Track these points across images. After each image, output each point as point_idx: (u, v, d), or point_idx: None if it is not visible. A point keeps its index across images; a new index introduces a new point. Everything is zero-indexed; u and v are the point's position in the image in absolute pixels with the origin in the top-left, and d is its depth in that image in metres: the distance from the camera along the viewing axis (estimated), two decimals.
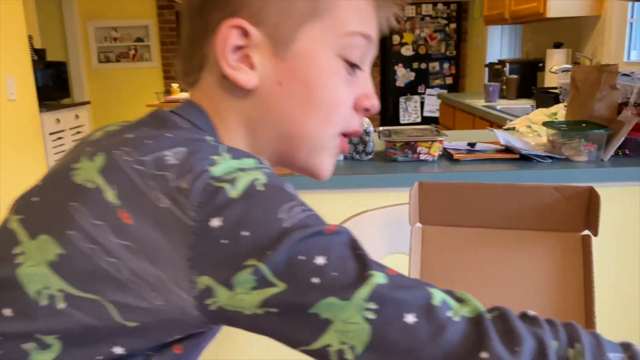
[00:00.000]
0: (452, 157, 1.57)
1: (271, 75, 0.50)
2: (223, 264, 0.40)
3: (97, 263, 0.42)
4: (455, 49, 5.59)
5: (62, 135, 4.05)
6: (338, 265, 0.40)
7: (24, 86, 2.73)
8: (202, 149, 0.44)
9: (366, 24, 0.52)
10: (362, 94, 0.54)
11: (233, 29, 0.49)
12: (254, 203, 0.41)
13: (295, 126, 0.52)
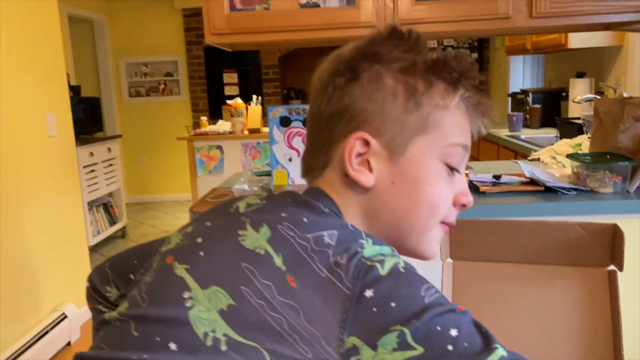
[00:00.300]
0: (478, 189, 1.60)
1: (386, 176, 0.61)
2: (372, 327, 0.48)
3: (263, 316, 0.50)
4: None
5: (94, 168, 4.18)
6: (468, 338, 0.48)
7: (62, 123, 2.86)
8: (350, 234, 0.55)
9: (464, 136, 0.63)
10: (460, 192, 0.64)
11: (358, 140, 0.60)
12: (400, 281, 0.50)
13: (405, 218, 0.62)
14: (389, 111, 0.60)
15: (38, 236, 2.58)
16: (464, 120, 0.63)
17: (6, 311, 2.32)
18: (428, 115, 0.60)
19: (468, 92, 0.62)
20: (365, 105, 0.60)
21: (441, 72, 0.61)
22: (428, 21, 1.55)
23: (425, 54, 0.63)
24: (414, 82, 0.61)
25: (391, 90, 0.60)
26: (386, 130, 0.60)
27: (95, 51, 5.72)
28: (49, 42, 2.75)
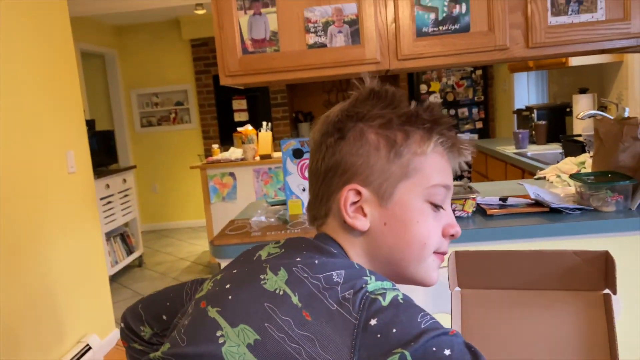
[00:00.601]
0: (485, 212, 1.67)
1: (378, 219, 0.70)
2: (377, 351, 0.56)
3: (284, 347, 0.58)
4: (483, 94, 5.72)
5: (111, 200, 4.29)
6: (460, 356, 0.55)
7: (81, 159, 2.97)
8: (356, 272, 0.64)
9: (444, 176, 0.72)
10: (447, 224, 0.73)
11: (350, 190, 0.70)
12: (399, 310, 0.59)
13: (400, 253, 0.71)
14: (375, 163, 0.69)
15: (61, 269, 2.67)
16: (443, 162, 0.72)
17: (32, 344, 2.40)
18: (408, 162, 0.69)
19: (442, 137, 0.71)
20: (353, 159, 0.70)
21: (415, 123, 0.71)
22: (429, 55, 1.63)
23: (402, 107, 0.72)
24: (393, 135, 0.70)
25: (374, 145, 0.70)
26: (374, 179, 0.69)
27: (107, 84, 5.88)
28: (67, 81, 2.88)
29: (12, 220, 2.33)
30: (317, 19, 1.64)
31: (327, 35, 1.65)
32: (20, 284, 2.35)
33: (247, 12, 1.65)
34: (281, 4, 1.64)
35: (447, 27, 1.62)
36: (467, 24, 1.61)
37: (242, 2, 1.65)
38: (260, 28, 1.66)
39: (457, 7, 1.60)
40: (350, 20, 1.64)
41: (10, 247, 2.30)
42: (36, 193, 2.52)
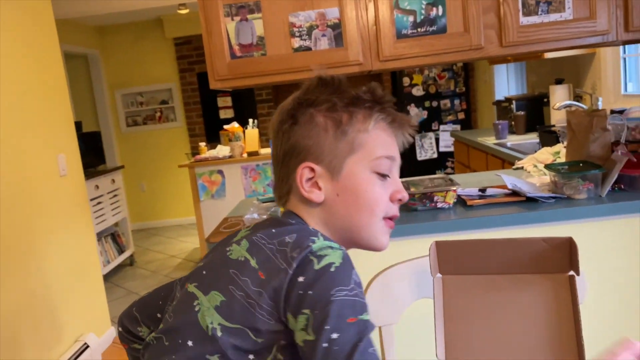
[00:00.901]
0: (465, 203, 1.77)
1: (332, 191, 0.80)
2: (295, 305, 0.67)
3: (243, 303, 0.70)
4: (465, 86, 5.83)
5: (101, 200, 4.33)
6: (342, 342, 0.63)
7: (72, 162, 3.02)
8: (307, 233, 0.74)
9: (387, 149, 0.82)
10: (394, 191, 0.83)
11: (305, 168, 0.80)
12: (323, 277, 0.68)
13: (352, 220, 0.81)
14: (324, 142, 0.79)
15: (56, 270, 2.73)
16: (385, 136, 0.82)
17: (32, 344, 2.46)
18: (353, 139, 0.79)
19: (382, 114, 0.81)
20: (305, 141, 0.80)
21: (358, 104, 0.80)
22: (409, 56, 1.72)
23: (346, 92, 0.81)
24: (339, 116, 0.80)
25: (323, 126, 0.79)
26: (324, 157, 0.79)
27: (91, 85, 5.89)
28: (55, 84, 2.91)
29: (7, 224, 2.38)
30: (302, 24, 1.72)
31: (311, 39, 1.72)
32: (18, 286, 2.40)
33: (234, 19, 1.72)
34: (266, 10, 1.71)
35: (425, 29, 1.70)
36: (444, 25, 1.70)
37: (229, 9, 1.72)
38: (247, 33, 1.73)
39: (434, 9, 1.69)
40: (333, 24, 1.72)
41: (7, 249, 2.35)
42: (30, 197, 2.57)
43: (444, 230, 1.65)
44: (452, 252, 1.00)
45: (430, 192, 1.76)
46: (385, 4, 1.70)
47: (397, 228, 1.66)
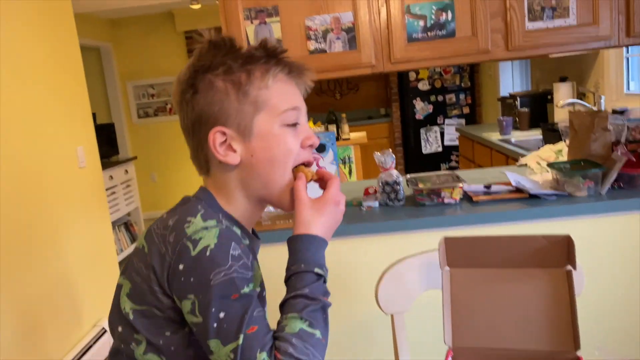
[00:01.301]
0: (471, 199, 1.86)
1: (245, 152, 0.81)
2: (180, 291, 0.74)
3: (141, 287, 0.78)
4: (470, 81, 5.89)
5: (115, 190, 4.44)
6: (229, 321, 0.71)
7: (90, 154, 3.12)
8: (187, 213, 0.77)
9: (292, 99, 0.83)
10: (304, 137, 0.84)
11: (216, 133, 0.80)
12: (200, 263, 0.73)
13: (267, 175, 0.82)
14: (228, 106, 0.80)
15: (75, 258, 2.84)
16: (287, 87, 0.82)
17: (53, 329, 2.58)
18: (256, 98, 0.80)
19: (278, 67, 0.81)
20: (210, 108, 0.80)
21: (253, 62, 0.80)
22: (419, 59, 1.80)
23: (240, 51, 0.82)
24: (237, 78, 0.80)
25: (223, 91, 0.80)
26: (232, 120, 0.80)
27: (103, 77, 5.98)
28: (73, 78, 3.01)
29: (30, 214, 2.49)
30: (317, 27, 1.80)
31: (326, 42, 1.81)
32: (40, 273, 2.51)
33: (253, 22, 1.81)
34: (284, 13, 1.80)
35: (435, 33, 1.79)
36: (453, 30, 1.78)
37: (249, 13, 1.80)
38: (266, 36, 1.81)
39: (444, 14, 1.77)
40: (347, 27, 1.80)
41: (29, 238, 2.46)
42: (50, 188, 2.68)
43: (450, 224, 1.75)
44: (460, 247, 1.10)
45: (438, 188, 1.85)
46: (397, 9, 1.78)
47: (405, 222, 1.77)
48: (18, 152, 2.44)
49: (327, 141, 2.00)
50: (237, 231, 0.80)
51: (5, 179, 2.32)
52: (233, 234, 0.77)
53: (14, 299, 2.30)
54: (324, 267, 0.80)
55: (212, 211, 0.81)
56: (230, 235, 0.76)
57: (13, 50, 2.47)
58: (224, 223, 0.78)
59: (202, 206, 0.81)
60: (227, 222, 0.80)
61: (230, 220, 0.83)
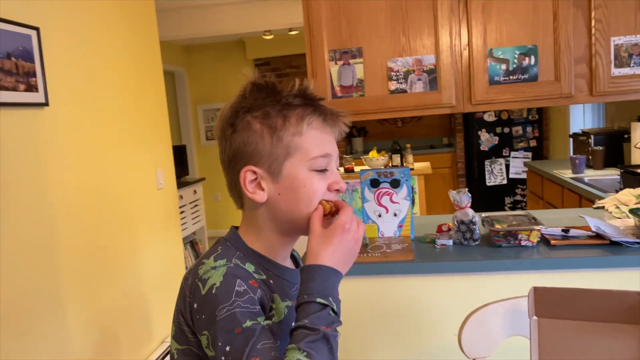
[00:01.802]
0: (549, 242, 1.84)
1: (273, 191, 0.87)
2: (198, 327, 0.81)
3: (179, 327, 0.86)
4: (537, 113, 5.79)
5: (184, 210, 4.63)
6: (234, 354, 0.75)
7: (168, 175, 3.29)
8: (204, 257, 0.85)
9: (323, 147, 0.87)
10: (332, 182, 0.88)
11: (247, 172, 0.86)
12: (208, 301, 0.79)
13: (293, 213, 0.87)
14: (262, 148, 0.85)
15: (148, 275, 2.98)
16: (321, 134, 0.86)
17: (126, 342, 2.71)
18: (289, 143, 0.85)
19: (314, 115, 0.86)
20: (246, 148, 0.86)
21: (289, 108, 0.85)
22: (500, 101, 1.83)
23: (279, 96, 0.86)
24: (273, 122, 0.85)
25: (259, 133, 0.85)
26: (264, 161, 0.85)
27: (176, 100, 6.28)
28: (157, 104, 3.20)
29: (112, 232, 2.65)
30: (399, 69, 1.86)
31: (407, 82, 1.87)
32: (117, 289, 2.66)
33: (337, 63, 1.89)
34: (367, 55, 1.87)
35: (517, 77, 1.81)
36: (536, 74, 1.80)
37: (334, 54, 1.89)
38: (348, 76, 1.89)
39: (527, 59, 1.79)
40: (429, 69, 1.85)
41: (109, 255, 2.62)
42: (131, 208, 2.84)
43: (527, 268, 1.74)
44: (549, 297, 1.11)
45: (515, 230, 1.85)
46: (479, 53, 1.82)
47: (481, 263, 1.77)
48: (105, 175, 2.61)
49: (402, 177, 2.04)
50: (251, 267, 0.85)
51: (91, 201, 2.49)
52: (241, 271, 0.82)
53: (93, 312, 2.45)
54: (331, 297, 0.80)
55: (230, 251, 0.87)
56: (237, 272, 0.81)
57: (106, 77, 2.67)
58: (233, 262, 0.83)
59: (222, 247, 0.88)
60: (241, 259, 0.85)
61: (250, 256, 0.88)
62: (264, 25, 4.96)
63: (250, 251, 0.89)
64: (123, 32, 2.85)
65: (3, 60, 1.91)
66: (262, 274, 0.87)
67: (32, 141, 2.08)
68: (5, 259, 1.90)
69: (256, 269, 0.86)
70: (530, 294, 1.11)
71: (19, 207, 1.99)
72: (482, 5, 1.81)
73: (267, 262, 0.90)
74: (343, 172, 4.50)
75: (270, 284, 0.88)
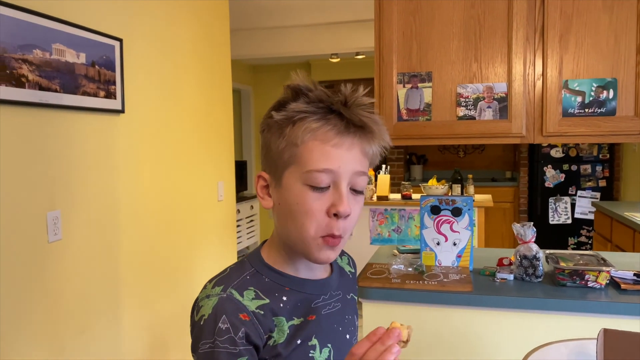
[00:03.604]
0: (619, 286, 1.74)
1: (276, 199, 0.84)
2: (194, 348, 0.80)
3: None
4: (609, 152, 5.54)
5: (240, 224, 4.71)
6: None
7: (228, 188, 3.36)
8: (213, 278, 0.86)
9: (324, 160, 0.78)
10: (331, 204, 0.79)
11: (259, 177, 0.86)
12: (197, 328, 0.79)
13: (287, 229, 0.83)
14: (270, 153, 0.82)
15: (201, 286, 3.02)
16: (324, 146, 0.78)
17: (176, 349, 2.75)
18: (290, 153, 0.79)
19: (322, 123, 0.78)
20: (262, 151, 0.86)
21: (303, 114, 0.79)
22: (573, 134, 1.76)
23: (305, 100, 0.80)
24: (283, 127, 0.80)
25: (271, 138, 0.82)
26: (271, 167, 0.83)
27: (240, 117, 6.45)
28: (224, 121, 3.29)
29: (172, 240, 2.72)
30: (469, 95, 1.84)
31: (476, 109, 1.83)
32: (172, 297, 2.72)
33: (406, 86, 1.89)
34: (437, 80, 1.86)
35: (593, 110, 1.74)
36: (614, 108, 1.72)
37: (402, 77, 1.89)
38: (416, 100, 1.88)
39: (605, 92, 1.72)
40: (500, 97, 1.81)
41: (169, 261, 2.69)
42: (192, 219, 2.92)
43: (594, 311, 1.64)
44: (621, 342, 1.04)
45: (582, 269, 1.76)
46: (554, 84, 1.76)
47: (544, 301, 1.69)
48: (171, 183, 2.70)
49: (464, 206, 2.00)
50: (250, 294, 0.80)
51: (155, 207, 2.58)
52: (231, 305, 0.78)
53: (150, 319, 2.51)
54: None
55: (238, 271, 0.85)
56: (226, 307, 0.78)
57: (180, 90, 2.78)
58: (227, 292, 0.80)
59: (235, 266, 0.87)
60: (245, 283, 0.82)
61: (264, 272, 0.85)
62: (331, 48, 5.04)
63: (265, 267, 0.86)
64: (199, 48, 2.97)
65: (88, 67, 2.02)
66: (265, 297, 0.81)
67: (106, 146, 2.19)
68: (72, 258, 1.99)
69: (257, 294, 0.81)
70: (599, 337, 1.05)
71: (89, 208, 2.08)
72: (559, 35, 1.77)
73: (281, 277, 0.85)
74: (400, 199, 4.45)
75: (276, 307, 0.82)
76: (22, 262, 1.76)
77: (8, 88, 1.66)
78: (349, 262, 1.05)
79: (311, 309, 0.86)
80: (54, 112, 1.88)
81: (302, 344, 0.82)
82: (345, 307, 0.94)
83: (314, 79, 0.79)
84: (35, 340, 1.82)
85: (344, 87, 0.81)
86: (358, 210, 0.82)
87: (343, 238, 0.81)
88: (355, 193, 0.81)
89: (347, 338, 0.92)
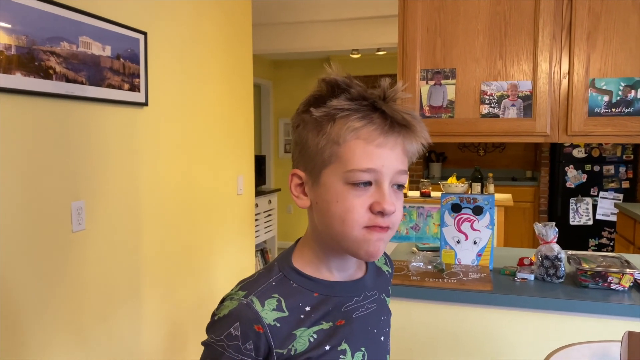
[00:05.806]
0: None
1: (313, 198, 0.81)
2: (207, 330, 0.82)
3: None
4: (633, 153, 5.44)
5: (257, 218, 4.73)
6: None
7: (247, 182, 3.38)
8: (246, 278, 0.84)
9: (368, 160, 0.76)
10: (374, 201, 0.77)
11: (294, 176, 0.83)
12: (213, 324, 0.81)
13: (327, 228, 0.80)
14: (307, 151, 0.79)
15: (220, 279, 3.06)
16: (367, 145, 0.76)
17: (193, 340, 2.78)
18: (331, 152, 0.77)
19: (365, 122, 0.75)
20: (296, 147, 0.82)
21: (342, 111, 0.76)
22: (599, 134, 1.73)
23: (342, 95, 0.77)
24: (321, 124, 0.77)
25: (307, 134, 0.79)
26: (307, 165, 0.80)
27: (260, 112, 6.47)
28: (245, 116, 3.31)
29: (192, 231, 2.75)
30: (493, 92, 1.82)
31: (500, 107, 1.82)
32: (192, 289, 2.75)
33: (429, 83, 1.87)
34: (461, 77, 1.84)
35: (620, 110, 1.71)
36: None
37: (425, 74, 1.87)
38: (439, 97, 1.87)
39: (633, 92, 1.69)
40: (524, 95, 1.79)
41: (189, 252, 2.72)
42: (213, 212, 2.94)
43: (616, 313, 1.62)
44: None
45: (605, 271, 1.73)
46: (580, 82, 1.74)
47: (565, 302, 1.67)
48: (191, 176, 2.72)
49: (486, 204, 1.98)
50: (272, 304, 0.79)
51: (176, 199, 2.60)
52: (249, 314, 0.78)
53: (170, 309, 2.54)
54: None
55: (265, 277, 0.82)
56: (242, 314, 0.78)
57: (201, 84, 2.80)
58: (249, 299, 0.79)
59: (264, 270, 0.84)
60: (270, 290, 0.80)
61: (292, 278, 0.83)
62: (352, 44, 5.03)
63: (293, 271, 0.83)
64: (222, 43, 2.98)
65: (113, 60, 2.05)
66: (286, 310, 0.79)
67: (130, 138, 2.21)
68: (94, 247, 2.02)
69: (279, 305, 0.79)
70: (624, 340, 1.03)
71: (112, 199, 2.11)
72: (587, 33, 1.74)
73: (310, 282, 0.83)
74: (418, 196, 4.43)
75: (296, 320, 0.80)
76: (46, 251, 1.80)
77: (36, 79, 1.69)
78: (386, 261, 1.02)
79: (341, 313, 0.84)
80: (79, 103, 1.91)
81: (332, 350, 0.81)
82: (381, 308, 0.92)
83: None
84: (58, 327, 1.86)
85: (383, 81, 0.78)
86: (401, 205, 0.81)
87: (391, 229, 0.79)
88: (396, 189, 0.80)
89: (381, 340, 0.90)
